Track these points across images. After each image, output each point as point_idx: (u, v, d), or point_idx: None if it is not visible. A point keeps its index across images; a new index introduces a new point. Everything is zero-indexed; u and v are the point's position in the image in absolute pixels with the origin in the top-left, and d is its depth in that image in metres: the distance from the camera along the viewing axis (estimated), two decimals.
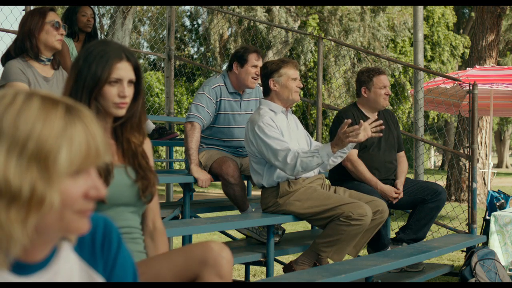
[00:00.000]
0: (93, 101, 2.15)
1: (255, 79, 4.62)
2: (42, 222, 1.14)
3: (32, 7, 5.02)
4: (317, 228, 5.23)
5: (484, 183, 11.72)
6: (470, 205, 5.31)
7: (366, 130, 3.90)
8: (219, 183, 4.55)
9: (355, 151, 4.70)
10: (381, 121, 4.05)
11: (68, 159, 1.12)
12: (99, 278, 1.31)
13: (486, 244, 5.14)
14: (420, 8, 6.91)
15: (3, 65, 3.89)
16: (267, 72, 4.22)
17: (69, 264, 1.27)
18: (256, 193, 5.80)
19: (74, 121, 1.14)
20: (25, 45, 3.83)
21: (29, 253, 1.18)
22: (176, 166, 14.82)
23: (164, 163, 12.52)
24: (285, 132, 4.12)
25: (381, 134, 4.10)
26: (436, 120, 23.26)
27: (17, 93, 1.16)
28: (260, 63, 4.60)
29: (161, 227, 2.36)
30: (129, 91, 2.18)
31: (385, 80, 4.85)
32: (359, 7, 18.19)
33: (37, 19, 3.85)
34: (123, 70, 2.17)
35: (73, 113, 1.16)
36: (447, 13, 22.04)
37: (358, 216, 3.92)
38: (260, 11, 17.42)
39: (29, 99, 1.14)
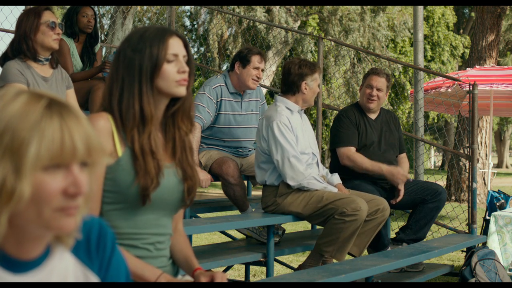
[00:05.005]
0: (154, 86, 2.02)
1: (256, 81, 4.62)
2: (20, 217, 1.14)
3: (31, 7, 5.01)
4: (317, 228, 5.23)
5: (484, 183, 11.72)
6: (470, 205, 5.31)
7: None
8: (219, 183, 4.55)
9: (353, 149, 4.68)
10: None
11: (37, 152, 1.12)
12: (94, 278, 1.32)
13: (485, 244, 5.14)
14: (420, 8, 6.91)
15: (1, 66, 3.87)
16: (302, 73, 4.19)
17: (64, 263, 1.27)
18: (256, 193, 5.81)
19: (52, 115, 1.14)
20: (21, 47, 3.78)
21: (19, 249, 1.19)
22: None
23: None
24: (299, 132, 4.14)
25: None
26: (436, 120, 23.25)
27: (10, 90, 1.18)
28: (262, 66, 4.60)
29: (182, 229, 2.24)
30: (186, 67, 2.06)
31: (372, 81, 4.76)
32: (359, 7, 18.18)
33: (32, 20, 3.79)
34: (177, 46, 2.05)
35: (53, 108, 1.15)
36: (447, 13, 22.04)
37: (352, 211, 3.93)
38: (260, 11, 17.41)
39: (18, 95, 1.16)
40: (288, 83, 4.22)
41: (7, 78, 3.73)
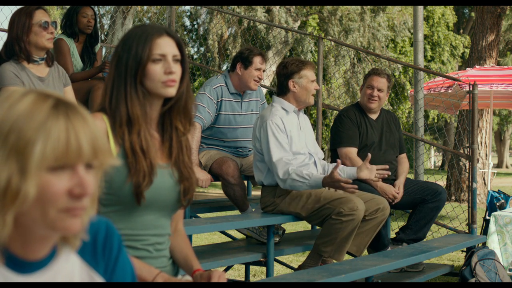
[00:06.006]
0: (139, 86, 1.98)
1: (258, 82, 4.62)
2: (25, 217, 1.14)
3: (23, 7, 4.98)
4: (317, 228, 5.23)
5: (484, 183, 11.71)
6: (470, 205, 5.31)
7: (372, 171, 4.09)
8: (219, 183, 4.55)
9: (355, 150, 4.69)
10: (388, 172, 4.16)
11: (43, 152, 1.11)
12: (100, 280, 1.32)
13: (485, 244, 5.14)
14: (420, 8, 6.92)
15: None
16: (287, 73, 4.18)
17: (69, 264, 1.27)
18: (256, 193, 5.80)
19: (58, 116, 1.14)
20: (14, 49, 3.73)
21: (25, 250, 1.19)
22: None
23: None
24: (294, 133, 4.12)
25: (387, 174, 4.17)
26: (436, 120, 23.25)
27: (17, 90, 1.18)
28: (263, 67, 4.60)
29: (182, 229, 2.21)
30: (176, 68, 2.01)
31: (373, 81, 4.76)
32: (359, 7, 18.18)
33: (24, 21, 3.73)
34: (166, 46, 2.00)
35: (60, 108, 1.15)
36: (447, 13, 22.04)
37: (349, 211, 3.92)
38: (260, 11, 17.41)
39: (25, 95, 1.16)
40: (279, 85, 4.25)
41: (2, 82, 3.68)
